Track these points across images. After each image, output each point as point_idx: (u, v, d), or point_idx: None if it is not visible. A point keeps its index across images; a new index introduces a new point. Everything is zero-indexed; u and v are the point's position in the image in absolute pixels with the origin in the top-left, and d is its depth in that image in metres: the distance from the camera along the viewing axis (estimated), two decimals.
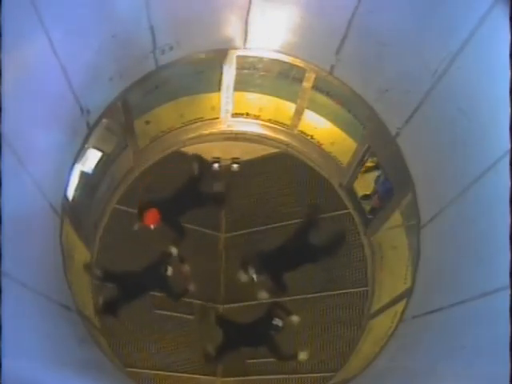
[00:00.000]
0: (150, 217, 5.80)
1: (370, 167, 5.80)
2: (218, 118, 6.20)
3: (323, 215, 6.34)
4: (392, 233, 5.33)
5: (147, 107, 5.46)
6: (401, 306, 4.65)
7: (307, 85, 5.37)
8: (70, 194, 4.54)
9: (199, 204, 6.27)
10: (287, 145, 6.46)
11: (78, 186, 4.69)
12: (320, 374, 5.89)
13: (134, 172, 6.16)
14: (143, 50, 4.54)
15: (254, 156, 6.75)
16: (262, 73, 5.47)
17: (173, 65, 4.93)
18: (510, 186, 2.62)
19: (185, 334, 6.14)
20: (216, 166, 6.73)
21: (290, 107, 5.91)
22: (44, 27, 3.21)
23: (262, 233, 6.50)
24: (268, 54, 5.11)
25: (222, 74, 5.46)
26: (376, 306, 5.61)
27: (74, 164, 4.47)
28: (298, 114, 5.93)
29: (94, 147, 4.85)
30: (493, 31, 2.94)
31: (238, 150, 6.70)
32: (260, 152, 6.70)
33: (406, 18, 3.65)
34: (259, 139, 6.47)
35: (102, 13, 3.74)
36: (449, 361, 3.24)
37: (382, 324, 5.08)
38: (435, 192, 4.21)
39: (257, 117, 6.23)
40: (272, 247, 6.14)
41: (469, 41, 3.20)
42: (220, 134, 6.41)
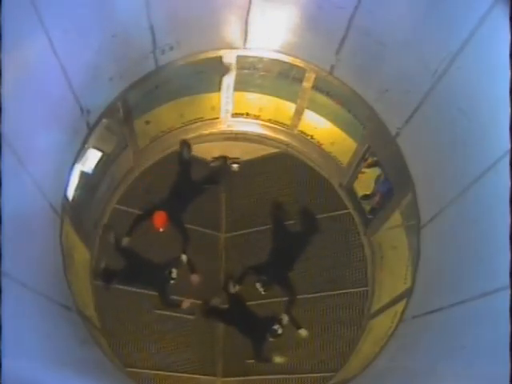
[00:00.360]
0: (159, 219, 5.78)
1: (370, 167, 5.79)
2: (218, 117, 6.20)
3: (323, 215, 6.34)
4: (392, 233, 5.32)
5: (147, 107, 5.45)
6: (401, 306, 4.64)
7: (307, 85, 5.36)
8: (70, 193, 4.53)
9: (198, 191, 6.26)
10: (287, 145, 6.46)
11: (77, 185, 4.68)
12: (320, 374, 5.89)
13: (133, 172, 6.16)
14: (143, 50, 4.54)
15: (253, 156, 6.75)
16: (262, 73, 5.46)
17: (173, 65, 4.93)
18: (510, 185, 2.61)
19: (185, 334, 6.14)
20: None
21: (289, 107, 5.90)
22: (44, 27, 3.21)
23: (262, 233, 6.49)
24: (268, 54, 5.11)
25: (221, 74, 5.46)
26: (376, 305, 5.60)
27: (74, 164, 4.47)
28: (298, 114, 5.92)
29: (94, 147, 4.84)
30: (493, 31, 2.93)
31: (238, 149, 6.70)
32: (260, 152, 6.69)
33: (405, 18, 3.65)
34: (259, 139, 6.47)
35: (101, 13, 3.74)
36: (449, 361, 3.23)
37: (382, 324, 5.08)
38: (435, 192, 4.20)
39: (257, 117, 6.23)
40: (266, 255, 6.21)
41: (469, 41, 3.19)
42: (220, 133, 6.41)
